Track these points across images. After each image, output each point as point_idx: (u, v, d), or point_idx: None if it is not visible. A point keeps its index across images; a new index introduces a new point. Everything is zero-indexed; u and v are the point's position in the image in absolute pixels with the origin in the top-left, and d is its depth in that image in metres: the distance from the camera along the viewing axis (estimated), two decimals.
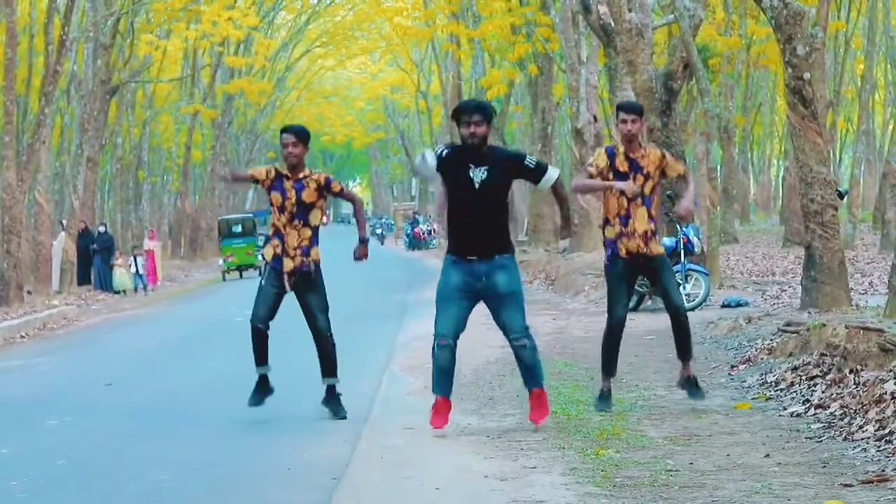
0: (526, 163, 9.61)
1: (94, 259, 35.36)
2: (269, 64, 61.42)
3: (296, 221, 10.61)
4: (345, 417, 10.52)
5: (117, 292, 34.52)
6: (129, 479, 8.49)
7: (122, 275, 35.20)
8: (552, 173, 9.63)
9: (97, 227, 37.06)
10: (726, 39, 36.58)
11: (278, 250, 10.60)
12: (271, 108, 71.53)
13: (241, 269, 41.92)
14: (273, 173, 10.70)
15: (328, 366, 10.69)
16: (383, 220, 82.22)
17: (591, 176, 10.42)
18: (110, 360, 17.70)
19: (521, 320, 9.56)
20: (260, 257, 45.82)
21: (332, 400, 10.67)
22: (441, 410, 9.60)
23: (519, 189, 54.30)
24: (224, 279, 41.46)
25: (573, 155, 38.06)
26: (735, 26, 37.81)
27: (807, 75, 16.26)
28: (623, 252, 10.24)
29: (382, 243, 69.83)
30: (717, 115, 30.97)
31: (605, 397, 10.40)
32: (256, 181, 10.82)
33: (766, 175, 75.23)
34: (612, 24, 22.47)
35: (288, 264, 10.57)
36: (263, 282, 10.64)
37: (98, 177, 42.10)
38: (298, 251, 10.59)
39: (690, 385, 10.49)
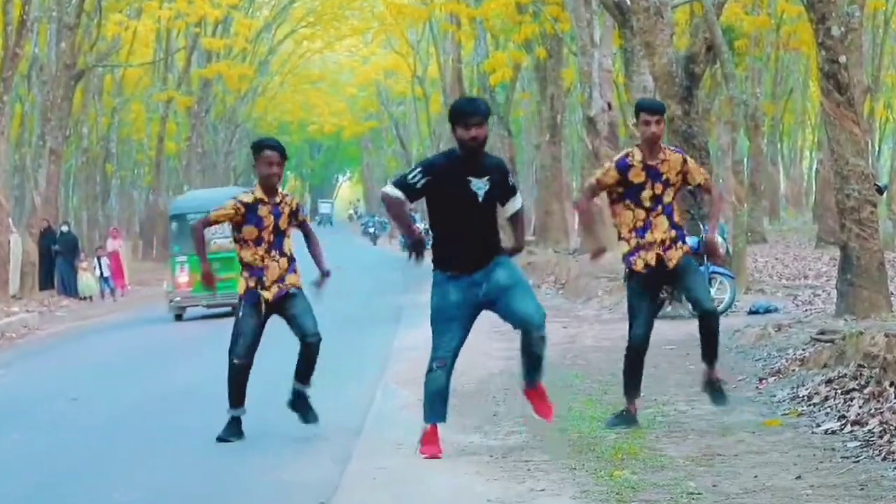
0: (510, 179, 9.61)
1: (56, 261, 35.33)
2: (251, 46, 61.50)
3: (273, 252, 10.52)
4: (317, 422, 10.54)
5: (83, 298, 34.53)
6: (96, 499, 8.49)
7: (87, 278, 35.19)
8: (518, 201, 9.70)
9: (60, 226, 37.04)
10: (754, 19, 36.63)
11: (251, 283, 10.49)
12: (252, 95, 71.52)
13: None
14: (242, 207, 10.47)
15: (307, 370, 10.64)
16: (376, 218, 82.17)
17: (593, 189, 10.44)
18: (75, 371, 17.71)
19: (536, 306, 9.53)
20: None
21: (303, 404, 10.67)
22: (433, 438, 9.49)
23: (527, 186, 54.39)
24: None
25: (585, 146, 38.07)
26: (763, 4, 37.86)
27: (842, 58, 16.26)
28: (638, 266, 10.20)
29: (374, 244, 69.85)
30: (744, 102, 31.01)
31: (622, 417, 10.36)
32: (220, 222, 10.65)
33: (797, 168, 75.33)
34: (628, 2, 22.47)
35: (267, 295, 10.50)
36: (240, 313, 10.53)
37: (61, 170, 42.10)
38: (276, 283, 10.53)
39: (713, 389, 10.46)
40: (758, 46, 39.86)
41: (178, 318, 27.13)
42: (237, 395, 10.53)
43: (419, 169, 9.38)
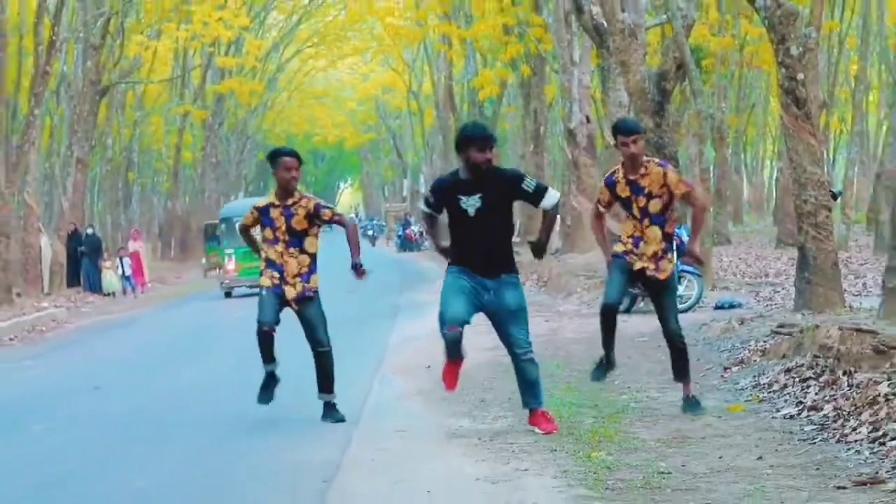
0: (523, 186, 9.44)
1: (82, 261, 35.30)
2: (260, 64, 61.38)
3: (291, 249, 10.58)
4: (344, 420, 10.54)
5: (106, 294, 34.48)
6: (115, 485, 8.47)
7: (110, 277, 35.14)
8: (553, 196, 9.50)
9: (85, 228, 36.98)
10: (719, 40, 36.63)
11: (276, 280, 10.55)
12: (262, 109, 71.42)
13: (221, 268, 42.46)
14: (256, 212, 10.71)
15: (326, 382, 10.68)
16: (374, 221, 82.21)
17: (598, 212, 10.43)
18: (99, 363, 17.68)
19: (526, 336, 9.62)
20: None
21: (331, 412, 10.69)
22: (452, 373, 9.52)
23: None
24: (205, 276, 42.45)
25: (565, 156, 38.05)
26: (728, 26, 37.87)
27: (800, 76, 16.27)
28: (630, 262, 10.14)
29: (374, 245, 69.79)
30: (711, 115, 31.01)
31: (600, 367, 10.38)
32: (251, 226, 10.88)
33: (759, 176, 75.32)
34: (605, 24, 22.45)
35: (290, 292, 10.56)
36: (264, 292, 10.58)
37: (87, 178, 41.99)
38: (298, 279, 10.57)
39: (692, 405, 10.30)
40: (723, 65, 39.82)
41: (228, 295, 32.12)
42: (267, 354, 10.63)
43: (430, 192, 9.85)
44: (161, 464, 9.14)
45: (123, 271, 35.41)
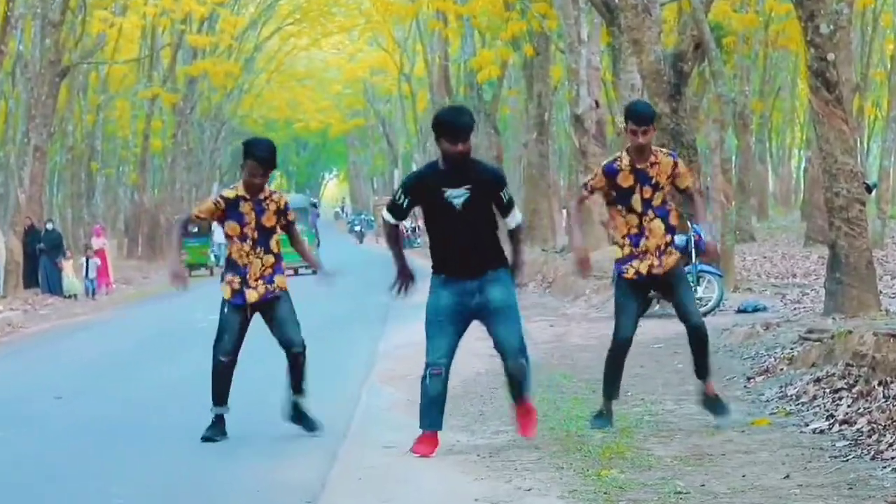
0: (502, 194, 9.57)
1: (40, 259, 35.25)
2: (236, 43, 61.40)
3: (258, 248, 10.48)
4: (321, 428, 10.54)
5: (68, 296, 34.44)
6: (82, 498, 8.47)
7: (71, 277, 35.09)
8: (518, 216, 9.76)
9: (44, 224, 36.96)
10: (742, 16, 36.65)
11: (236, 285, 10.47)
12: (238, 93, 71.46)
13: (191, 267, 44.70)
14: (222, 203, 10.46)
15: (298, 380, 10.62)
16: (362, 216, 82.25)
17: (582, 194, 10.50)
18: (60, 369, 17.68)
19: (517, 340, 9.59)
20: (212, 257, 46.76)
21: (302, 416, 10.66)
22: (428, 441, 9.54)
23: (514, 184, 54.27)
24: None
25: (572, 144, 38.10)
26: (752, 2, 37.90)
27: (831, 56, 16.28)
28: (629, 274, 10.17)
29: (361, 242, 69.89)
30: (732, 100, 31.02)
31: (602, 417, 10.35)
32: (202, 217, 10.68)
33: (785, 166, 75.45)
34: None
35: (251, 295, 10.46)
36: (226, 311, 10.51)
37: (46, 168, 42.00)
38: (261, 280, 10.49)
39: (713, 403, 10.37)
40: (746, 44, 39.90)
41: None
42: (221, 393, 10.51)
43: (401, 190, 9.60)
44: (129, 480, 9.12)
45: (87, 273, 35.38)
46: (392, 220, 9.65)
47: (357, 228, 75.10)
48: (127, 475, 9.33)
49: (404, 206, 9.51)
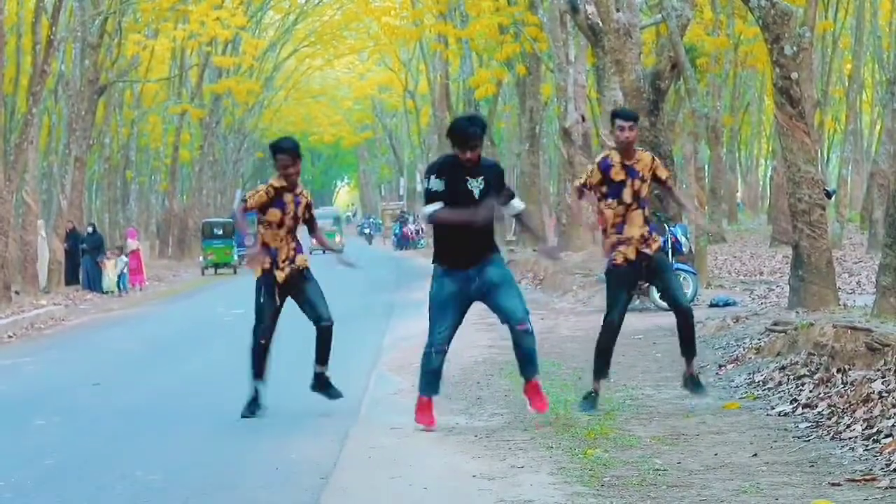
0: (505, 181, 9.93)
1: (83, 259, 35.25)
2: (257, 63, 61.33)
3: (290, 235, 10.73)
4: (341, 396, 10.76)
5: (106, 292, 34.42)
6: (115, 479, 8.45)
7: (112, 275, 35.08)
8: (520, 203, 10.05)
9: (86, 227, 36.94)
10: (714, 39, 36.63)
11: (266, 265, 10.66)
12: (259, 108, 71.40)
13: (217, 266, 45.37)
14: (272, 191, 10.61)
15: (324, 353, 10.79)
16: (371, 219, 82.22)
17: (579, 190, 10.51)
18: (98, 359, 17.65)
19: (521, 304, 9.68)
20: (236, 258, 47.30)
21: (325, 385, 10.82)
22: (427, 409, 9.73)
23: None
24: (203, 273, 44.44)
25: (561, 154, 38.08)
26: (723, 26, 37.87)
27: (794, 75, 16.27)
28: (619, 260, 10.22)
29: (370, 243, 69.83)
30: (705, 114, 30.99)
31: (591, 399, 10.35)
32: (253, 208, 10.71)
33: (753, 175, 75.37)
34: (600, 23, 22.45)
35: (280, 275, 10.67)
36: (262, 298, 10.69)
37: (85, 176, 41.97)
38: (287, 262, 10.69)
39: (693, 382, 10.47)
40: (718, 64, 39.81)
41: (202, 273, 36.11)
42: (260, 369, 10.74)
43: (432, 175, 9.53)
44: (160, 459, 9.11)
45: (120, 270, 35.36)
46: (433, 209, 9.47)
47: (366, 231, 75.02)
48: (160, 455, 9.32)
49: (440, 189, 9.41)
